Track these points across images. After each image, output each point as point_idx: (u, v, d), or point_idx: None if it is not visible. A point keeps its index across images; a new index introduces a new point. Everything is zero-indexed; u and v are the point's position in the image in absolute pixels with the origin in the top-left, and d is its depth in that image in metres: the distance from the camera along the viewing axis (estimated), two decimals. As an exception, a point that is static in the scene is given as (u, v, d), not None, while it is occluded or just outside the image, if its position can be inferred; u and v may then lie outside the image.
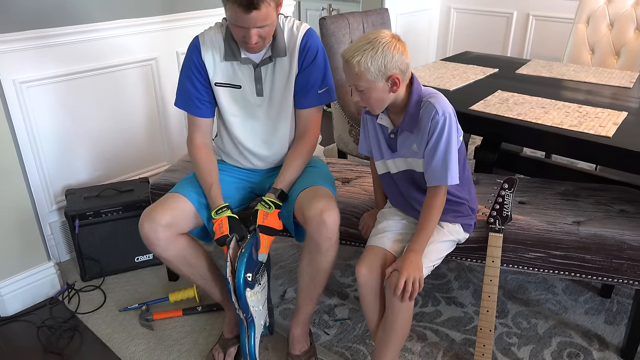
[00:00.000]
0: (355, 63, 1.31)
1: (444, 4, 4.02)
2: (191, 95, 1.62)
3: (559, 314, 1.94)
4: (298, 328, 1.72)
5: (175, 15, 2.38)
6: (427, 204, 1.44)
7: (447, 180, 1.40)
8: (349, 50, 1.34)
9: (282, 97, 1.64)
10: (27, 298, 2.02)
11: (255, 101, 1.64)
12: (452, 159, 1.40)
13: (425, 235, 1.44)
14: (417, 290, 1.37)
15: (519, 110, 1.83)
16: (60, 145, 2.18)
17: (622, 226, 1.63)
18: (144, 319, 1.92)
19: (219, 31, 1.60)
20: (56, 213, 2.24)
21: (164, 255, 1.58)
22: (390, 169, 1.54)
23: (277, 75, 1.61)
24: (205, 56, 1.59)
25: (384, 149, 1.52)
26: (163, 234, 1.53)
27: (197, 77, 1.61)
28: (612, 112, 1.82)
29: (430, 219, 1.44)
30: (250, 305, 1.51)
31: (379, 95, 1.37)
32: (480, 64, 2.50)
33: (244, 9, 1.38)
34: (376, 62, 1.31)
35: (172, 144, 2.57)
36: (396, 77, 1.33)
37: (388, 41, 1.32)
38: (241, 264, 1.45)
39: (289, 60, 1.60)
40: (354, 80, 1.35)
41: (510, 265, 1.67)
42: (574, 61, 2.81)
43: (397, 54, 1.32)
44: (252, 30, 1.44)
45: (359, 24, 2.65)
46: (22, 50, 1.95)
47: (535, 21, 3.61)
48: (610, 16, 2.72)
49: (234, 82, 1.62)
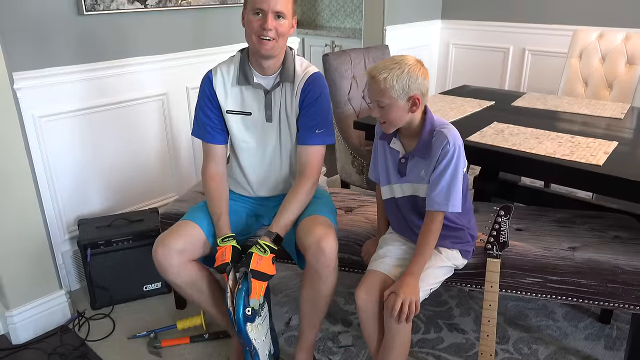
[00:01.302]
0: (381, 79, 1.41)
1: (443, 40, 4.17)
2: (204, 123, 1.72)
3: (560, 340, 1.97)
4: (302, 354, 1.76)
5: (185, 52, 2.51)
6: (425, 229, 1.51)
7: (448, 207, 1.47)
8: (376, 68, 1.44)
9: (289, 123, 1.72)
10: (38, 326, 2.07)
11: (264, 127, 1.72)
12: (456, 188, 1.48)
13: (422, 260, 1.50)
14: (413, 312, 1.43)
15: (514, 141, 1.91)
16: (74, 177, 2.27)
17: (616, 251, 1.69)
18: (152, 346, 1.97)
19: (232, 60, 1.72)
20: (68, 243, 2.31)
21: (176, 281, 1.64)
22: (396, 194, 1.61)
23: (283, 102, 1.70)
24: (217, 86, 1.69)
25: (392, 174, 1.60)
26: (176, 260, 1.60)
27: (209, 106, 1.71)
28: (603, 142, 1.89)
29: (427, 244, 1.50)
30: (252, 339, 1.56)
31: (398, 114, 1.45)
32: (478, 97, 2.59)
33: None
34: (401, 81, 1.40)
35: (181, 176, 2.65)
36: (417, 97, 1.43)
37: (414, 64, 1.43)
38: (239, 300, 1.49)
39: (292, 92, 1.68)
40: (378, 96, 1.44)
41: (508, 291, 1.72)
42: (569, 94, 2.91)
43: (421, 77, 1.43)
44: (270, 16, 1.54)
45: (360, 60, 2.77)
46: (41, 86, 2.06)
47: (531, 56, 3.73)
48: (601, 51, 2.83)
49: (245, 110, 1.71)
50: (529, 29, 3.68)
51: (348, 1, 4.95)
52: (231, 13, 2.65)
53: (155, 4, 2.30)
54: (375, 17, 3.65)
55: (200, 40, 2.56)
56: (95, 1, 2.11)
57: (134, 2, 2.23)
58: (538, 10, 3.61)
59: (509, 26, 3.79)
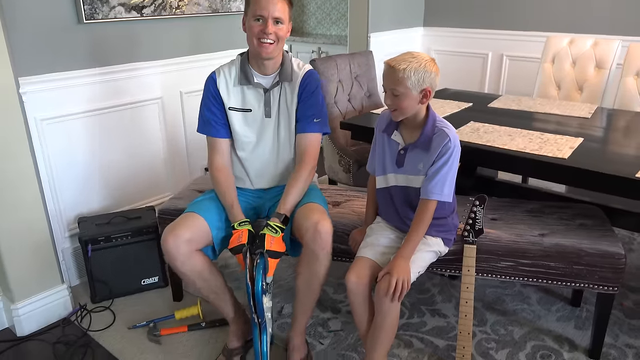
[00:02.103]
0: (401, 69, 1.55)
1: (425, 47, 4.34)
2: (209, 119, 1.85)
3: (533, 322, 2.12)
4: (296, 338, 1.88)
5: (180, 59, 2.63)
6: (418, 216, 1.66)
7: (442, 196, 1.63)
8: (395, 60, 1.58)
9: (285, 120, 1.87)
10: (41, 319, 2.16)
11: (264, 122, 1.86)
12: (449, 181, 1.64)
13: (413, 243, 1.65)
14: (405, 290, 1.56)
15: (488, 138, 2.07)
16: (74, 177, 2.38)
17: (581, 237, 1.85)
18: (152, 334, 2.08)
19: (233, 63, 1.86)
20: (68, 240, 2.42)
21: (182, 269, 1.76)
22: (390, 183, 1.75)
23: (282, 99, 1.85)
24: (220, 85, 1.84)
25: (389, 164, 1.74)
26: (184, 249, 1.72)
27: (213, 102, 1.85)
28: (570, 138, 2.06)
29: (418, 229, 1.65)
30: (265, 311, 1.68)
31: (410, 103, 1.60)
32: (457, 99, 2.75)
33: None
34: (418, 73, 1.55)
35: (175, 176, 2.77)
36: (429, 90, 1.59)
37: (429, 60, 1.58)
38: (259, 274, 1.62)
39: (291, 87, 1.84)
40: (394, 85, 1.58)
41: (485, 275, 1.87)
42: (543, 96, 3.09)
43: (434, 73, 1.59)
44: (269, 21, 1.69)
45: (346, 65, 2.92)
46: (44, 91, 2.17)
47: (509, 61, 3.92)
48: (572, 56, 3.01)
49: (245, 107, 1.85)
50: (507, 35, 3.87)
51: (334, 9, 5.12)
52: (222, 21, 2.78)
53: (151, 12, 2.43)
54: (360, 25, 3.81)
55: (194, 47, 2.69)
56: (95, 10, 2.23)
57: (130, 11, 2.35)
58: (515, 18, 3.80)
59: (488, 33, 3.97)
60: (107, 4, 2.26)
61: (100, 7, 2.24)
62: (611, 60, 2.84)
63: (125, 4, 2.32)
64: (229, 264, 2.61)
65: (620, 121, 2.41)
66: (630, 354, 1.94)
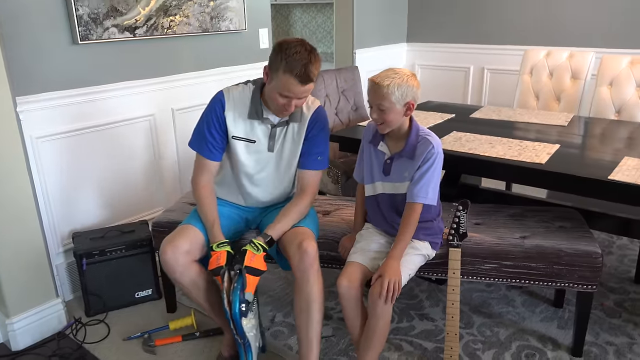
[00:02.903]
0: (385, 85, 1.65)
1: (409, 61, 4.47)
2: (207, 140, 1.84)
3: (518, 323, 2.19)
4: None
5: (171, 77, 2.71)
6: (405, 219, 1.74)
7: (426, 199, 1.72)
8: (379, 76, 1.68)
9: (289, 156, 1.89)
10: (36, 333, 2.19)
11: (266, 156, 1.88)
12: (433, 185, 1.73)
13: (402, 245, 1.72)
14: (396, 291, 1.63)
15: (470, 146, 2.16)
16: (68, 194, 2.42)
17: (560, 238, 1.93)
18: (147, 345, 2.11)
19: (245, 91, 1.84)
20: (62, 255, 2.45)
21: (181, 280, 1.80)
22: (377, 191, 1.84)
23: (288, 136, 1.87)
24: (228, 113, 1.82)
25: (377, 173, 1.82)
26: (182, 260, 1.76)
27: (216, 126, 1.83)
28: (547, 145, 2.15)
29: (406, 231, 1.73)
30: (246, 332, 1.72)
31: (395, 116, 1.69)
32: (440, 111, 2.85)
33: (301, 81, 1.65)
34: (401, 88, 1.65)
35: (166, 191, 2.83)
36: (412, 103, 1.69)
37: (410, 75, 1.69)
38: (235, 297, 1.65)
39: (299, 127, 1.86)
40: (379, 100, 1.67)
41: (470, 277, 1.94)
42: (522, 106, 3.20)
43: (416, 87, 1.69)
44: (294, 100, 1.71)
45: (332, 80, 3.02)
46: (39, 110, 2.23)
47: (490, 73, 4.05)
48: (549, 67, 3.13)
49: (250, 137, 1.85)
50: (487, 49, 4.01)
51: (319, 27, 5.25)
52: (212, 40, 2.87)
53: (143, 33, 2.51)
54: (345, 42, 3.93)
55: (185, 65, 2.77)
56: (89, 31, 2.30)
57: (124, 31, 2.43)
58: (494, 33, 3.95)
59: (469, 48, 4.12)
60: (101, 25, 2.34)
61: (95, 28, 2.31)
62: (586, 71, 2.97)
63: (118, 25, 2.40)
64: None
65: (596, 128, 2.52)
66: (611, 350, 2.01)
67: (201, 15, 2.75)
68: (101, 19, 2.33)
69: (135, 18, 2.46)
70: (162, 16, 2.57)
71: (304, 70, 1.64)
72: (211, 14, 2.79)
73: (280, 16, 5.52)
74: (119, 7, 2.39)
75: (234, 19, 2.92)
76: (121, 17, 2.41)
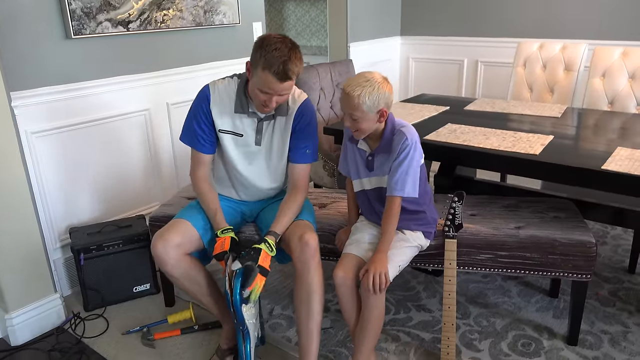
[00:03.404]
0: (355, 96, 1.63)
1: (403, 55, 4.48)
2: (197, 134, 1.86)
3: (514, 313, 2.22)
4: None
5: (165, 71, 2.71)
6: (386, 213, 1.75)
7: (403, 192, 1.72)
8: (350, 85, 1.66)
9: (277, 150, 1.90)
10: (35, 328, 2.19)
11: (254, 149, 1.89)
12: (410, 177, 1.72)
13: (387, 239, 1.73)
14: (383, 283, 1.64)
15: (464, 138, 2.17)
16: (64, 189, 2.42)
17: (554, 228, 1.95)
18: (146, 338, 2.12)
19: (230, 85, 1.84)
20: (60, 250, 2.45)
21: (173, 273, 1.81)
22: (365, 186, 1.85)
23: (276, 130, 1.87)
24: (213, 106, 1.83)
25: (362, 169, 1.84)
26: (173, 253, 1.77)
27: (204, 120, 1.84)
28: (541, 136, 2.17)
29: (388, 225, 1.74)
30: (246, 319, 1.74)
31: (369, 124, 1.69)
32: (434, 104, 2.87)
33: (279, 78, 1.63)
34: (372, 97, 1.64)
35: (163, 185, 2.83)
36: (384, 110, 1.68)
37: (382, 81, 1.66)
38: (237, 283, 1.67)
39: (286, 120, 1.86)
40: (351, 110, 1.67)
41: (466, 267, 1.96)
42: (516, 98, 3.22)
43: (388, 92, 1.67)
44: (274, 97, 1.70)
45: (327, 74, 3.02)
46: (33, 105, 2.22)
47: (484, 66, 4.07)
48: (542, 59, 3.15)
49: (237, 131, 1.86)
50: (481, 42, 4.03)
51: (313, 21, 5.24)
52: (206, 34, 2.87)
53: (137, 27, 2.50)
54: (339, 35, 3.93)
55: (179, 59, 2.77)
56: (82, 26, 2.29)
57: (117, 26, 2.42)
58: (487, 25, 3.96)
59: (463, 40, 4.12)
60: (94, 20, 2.33)
61: (88, 22, 2.30)
62: (579, 63, 2.99)
63: (111, 19, 2.39)
64: (221, 269, 2.66)
65: (589, 119, 2.54)
66: (606, 339, 2.04)
67: (194, 9, 2.74)
68: (94, 13, 2.32)
69: (128, 12, 2.45)
70: (155, 10, 2.56)
71: (282, 68, 1.62)
72: (204, 8, 2.79)
73: (273, 10, 5.50)
74: (112, 1, 2.38)
75: (228, 13, 2.92)
76: (114, 11, 2.40)
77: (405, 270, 2.49)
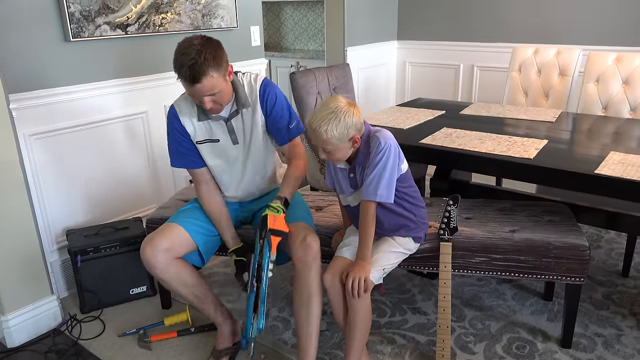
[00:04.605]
0: (322, 132, 1.60)
1: (400, 59, 4.50)
2: (184, 154, 1.89)
3: (509, 316, 2.23)
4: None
5: (163, 74, 2.72)
6: (361, 219, 1.72)
7: (376, 197, 1.67)
8: (315, 120, 1.62)
9: (255, 141, 1.90)
10: (31, 330, 2.20)
11: (232, 149, 1.90)
12: (383, 181, 1.66)
13: (365, 245, 1.72)
14: (362, 287, 1.67)
15: (460, 142, 2.19)
16: (61, 191, 2.43)
17: (549, 232, 1.97)
18: (143, 340, 2.13)
19: (188, 98, 1.84)
20: (57, 252, 2.46)
21: (163, 276, 1.83)
22: (350, 203, 1.84)
23: (246, 123, 1.87)
24: (185, 122, 1.84)
25: (345, 187, 1.82)
26: (162, 258, 1.79)
27: (183, 139, 1.87)
28: (535, 140, 2.19)
29: (365, 231, 1.71)
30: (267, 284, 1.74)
31: (343, 153, 1.68)
32: (430, 108, 2.89)
33: (189, 82, 1.62)
34: (340, 128, 1.60)
35: (160, 188, 2.83)
36: (356, 137, 1.66)
37: (346, 108, 1.61)
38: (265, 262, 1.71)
39: (253, 110, 1.85)
40: (322, 144, 1.65)
41: (461, 270, 1.98)
42: (512, 103, 3.24)
43: (355, 118, 1.63)
44: (204, 98, 1.67)
45: (324, 77, 3.04)
46: (31, 107, 2.23)
47: (480, 71, 4.10)
48: (537, 64, 3.18)
49: (213, 137, 1.87)
50: (476, 47, 4.06)
51: (310, 25, 5.27)
52: (204, 37, 2.88)
53: (135, 30, 2.51)
54: (337, 39, 3.95)
55: (176, 62, 2.78)
56: (81, 29, 2.31)
57: (115, 29, 2.43)
58: (483, 30, 3.99)
59: (459, 45, 4.15)
60: (93, 23, 2.34)
61: (87, 25, 2.32)
62: (573, 68, 3.02)
63: (110, 22, 2.40)
64: (216, 272, 2.67)
65: (583, 124, 2.56)
66: (600, 342, 2.06)
67: (192, 13, 2.76)
68: (93, 16, 2.34)
69: (127, 15, 2.47)
70: (153, 14, 2.58)
71: (189, 73, 1.60)
72: (202, 12, 2.80)
73: (271, 14, 5.52)
74: (110, 4, 2.39)
75: (226, 17, 2.93)
76: (113, 15, 2.41)
77: (401, 273, 2.52)
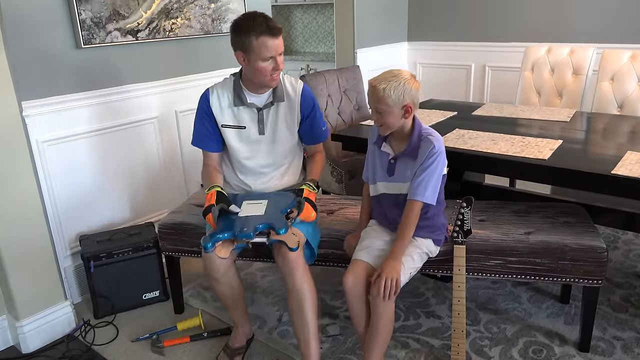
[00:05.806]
0: (381, 88, 1.66)
1: (410, 60, 4.48)
2: (204, 135, 1.97)
3: (525, 319, 2.20)
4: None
5: (174, 79, 2.73)
6: (405, 217, 1.75)
7: (424, 198, 1.72)
8: (377, 79, 1.70)
9: (283, 136, 1.98)
10: (46, 335, 2.21)
11: (257, 139, 1.97)
12: (432, 184, 1.73)
13: (403, 243, 1.73)
14: (394, 289, 1.64)
15: (473, 143, 2.17)
16: (73, 197, 2.44)
17: (564, 234, 1.93)
18: (156, 346, 2.13)
19: (227, 83, 1.96)
20: (70, 258, 2.47)
21: (222, 279, 1.88)
22: (380, 190, 1.85)
23: (280, 117, 1.96)
24: (213, 104, 1.95)
25: (380, 174, 1.84)
26: (221, 266, 1.84)
27: (207, 119, 1.96)
28: (550, 141, 2.16)
29: (405, 230, 1.74)
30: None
31: (393, 119, 1.71)
32: (442, 109, 2.86)
33: (273, 34, 1.76)
34: (398, 91, 1.66)
35: (172, 193, 2.84)
36: (410, 106, 1.69)
37: (409, 77, 1.69)
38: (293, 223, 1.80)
39: (289, 106, 1.96)
40: (377, 103, 1.70)
41: (475, 274, 1.95)
42: (525, 103, 3.20)
43: (414, 89, 1.69)
44: (278, 58, 1.80)
45: (334, 80, 3.03)
46: (44, 114, 2.25)
47: (491, 71, 4.06)
48: (550, 64, 3.14)
49: (239, 124, 1.95)
50: (488, 47, 4.02)
51: (320, 28, 5.27)
52: (214, 42, 2.89)
53: (145, 36, 2.52)
54: (347, 42, 3.94)
55: (187, 67, 2.79)
56: (92, 35, 2.32)
57: (126, 35, 2.45)
58: (494, 30, 3.95)
59: (470, 45, 4.12)
60: (104, 29, 2.35)
61: (97, 32, 2.33)
62: (587, 67, 2.97)
63: (121, 28, 2.42)
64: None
65: (598, 123, 2.52)
66: (618, 345, 2.02)
67: (202, 18, 2.76)
68: (104, 22, 2.35)
69: (137, 21, 2.48)
70: (163, 19, 2.58)
71: (271, 24, 1.76)
72: (212, 16, 2.81)
73: (281, 17, 5.53)
74: (121, 10, 2.40)
75: (236, 21, 2.93)
76: (124, 21, 2.42)
77: (415, 276, 2.48)
